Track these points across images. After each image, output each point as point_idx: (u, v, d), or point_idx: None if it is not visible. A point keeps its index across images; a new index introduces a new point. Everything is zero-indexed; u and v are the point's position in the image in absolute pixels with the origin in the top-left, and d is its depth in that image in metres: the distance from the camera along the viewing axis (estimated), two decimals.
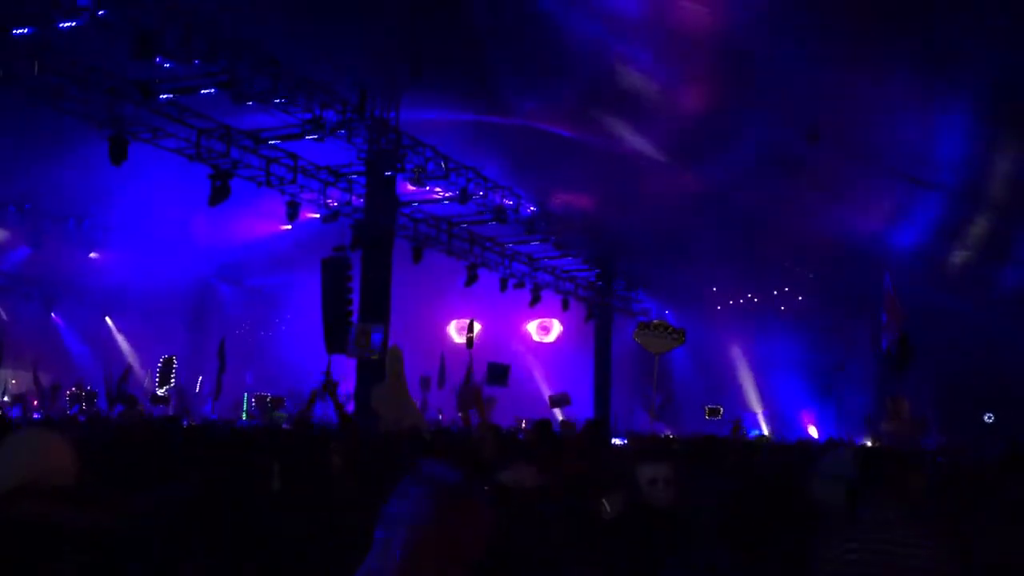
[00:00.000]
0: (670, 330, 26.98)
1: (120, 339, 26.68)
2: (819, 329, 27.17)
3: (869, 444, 17.48)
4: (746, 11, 16.42)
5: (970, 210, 22.00)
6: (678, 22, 17.26)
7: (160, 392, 22.92)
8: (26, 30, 12.16)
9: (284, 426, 17.63)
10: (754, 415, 27.34)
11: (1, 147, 18.28)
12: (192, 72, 14.23)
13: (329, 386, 10.38)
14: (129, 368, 22.11)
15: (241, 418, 22.06)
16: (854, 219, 22.32)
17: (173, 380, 23.65)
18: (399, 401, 12.72)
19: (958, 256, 19.96)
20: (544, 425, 8.04)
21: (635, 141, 21.45)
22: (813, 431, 26.46)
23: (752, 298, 29.19)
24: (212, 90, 14.60)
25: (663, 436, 22.10)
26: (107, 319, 26.63)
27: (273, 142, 16.98)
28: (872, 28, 16.04)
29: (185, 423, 11.93)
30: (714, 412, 26.31)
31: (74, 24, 12.06)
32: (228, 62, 14.07)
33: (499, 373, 24.28)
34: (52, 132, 16.55)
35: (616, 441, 15.76)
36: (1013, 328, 22.01)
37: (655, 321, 27.22)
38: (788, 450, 12.30)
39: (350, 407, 17.73)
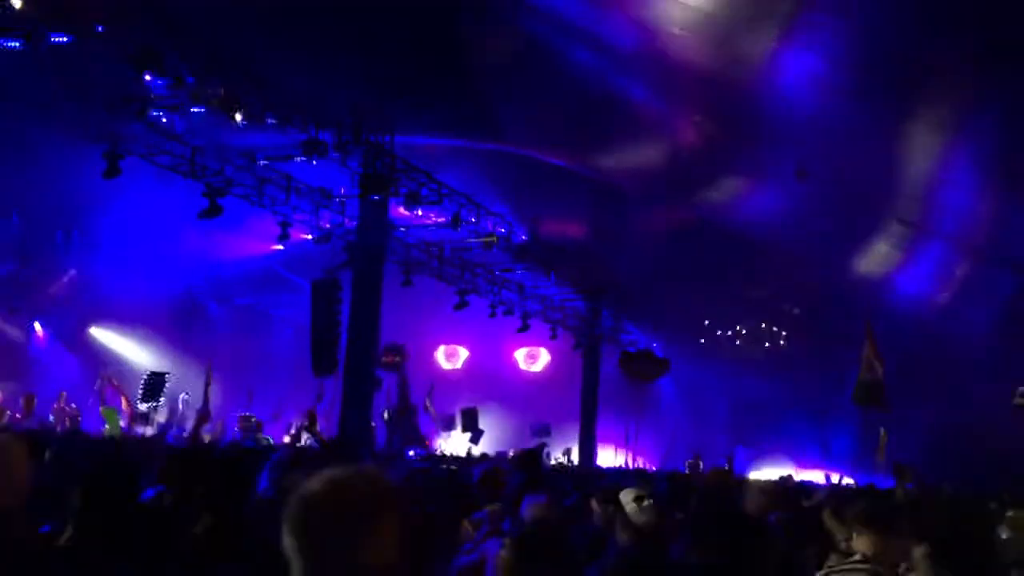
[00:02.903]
0: (654, 360, 27.09)
1: (111, 350, 26.46)
2: (805, 367, 27.19)
3: None
4: (743, 48, 16.55)
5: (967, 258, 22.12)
6: (674, 56, 17.38)
7: (142, 408, 22.66)
8: (18, 44, 12.12)
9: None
10: (743, 449, 27.28)
11: None
12: (187, 90, 14.25)
13: (311, 423, 10.45)
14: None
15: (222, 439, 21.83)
16: (850, 259, 22.43)
17: (163, 398, 23.41)
18: (406, 422, 13.13)
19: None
20: (532, 456, 8.00)
21: (627, 172, 21.55)
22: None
23: (740, 330, 29.22)
24: (206, 108, 14.61)
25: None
26: (92, 331, 26.41)
27: (266, 162, 17.00)
28: (877, 71, 16.15)
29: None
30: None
31: (70, 39, 12.05)
32: (224, 81, 14.10)
33: (470, 417, 24.31)
34: (42, 144, 16.51)
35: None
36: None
37: (640, 351, 27.41)
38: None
39: (332, 431, 17.63)
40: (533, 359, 32.01)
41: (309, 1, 14.57)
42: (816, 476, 24.47)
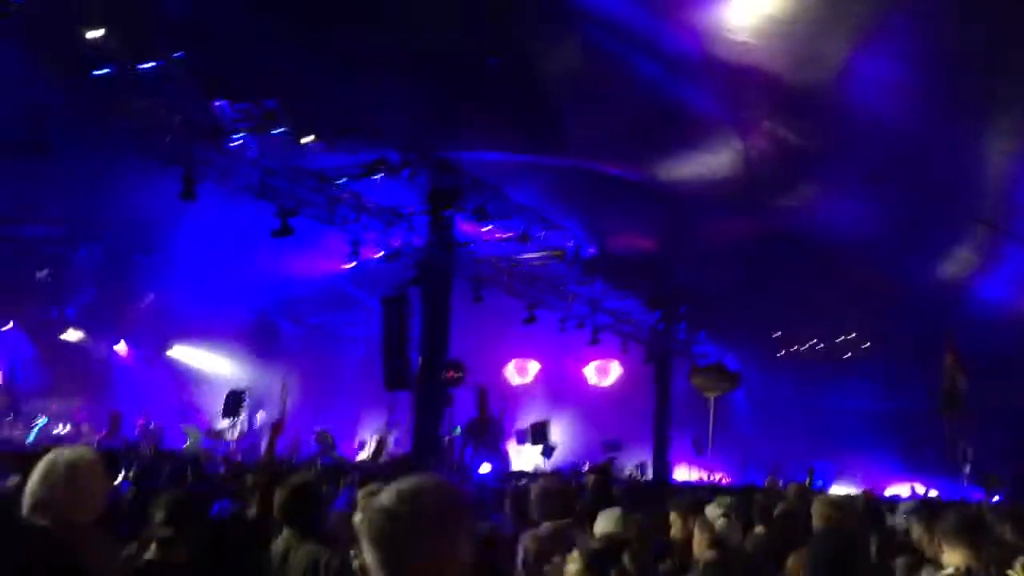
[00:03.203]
0: (725, 373, 26.66)
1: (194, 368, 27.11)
2: (885, 377, 26.48)
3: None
4: (812, 49, 16.22)
5: None
6: (741, 62, 17.13)
7: (223, 425, 23.13)
8: (107, 70, 12.54)
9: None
10: (822, 463, 26.66)
11: (72, 187, 18.83)
12: (259, 114, 14.56)
13: (382, 445, 10.50)
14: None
15: (297, 455, 22.14)
16: (930, 266, 21.78)
17: (242, 414, 23.86)
18: (485, 435, 13.34)
19: None
20: (604, 470, 7.92)
21: (697, 182, 21.28)
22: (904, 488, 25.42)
23: (817, 343, 28.58)
24: (279, 131, 14.89)
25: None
26: (172, 352, 27.09)
27: (337, 181, 17.25)
28: (955, 72, 15.69)
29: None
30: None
31: (151, 66, 12.41)
32: (293, 104, 14.36)
33: (540, 431, 24.26)
34: (120, 170, 17.02)
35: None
36: None
37: (711, 364, 27.02)
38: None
39: (407, 446, 17.75)
40: (604, 373, 31.80)
41: (372, 22, 14.73)
42: (900, 490, 23.80)
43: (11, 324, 24.14)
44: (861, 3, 15.15)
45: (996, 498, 16.06)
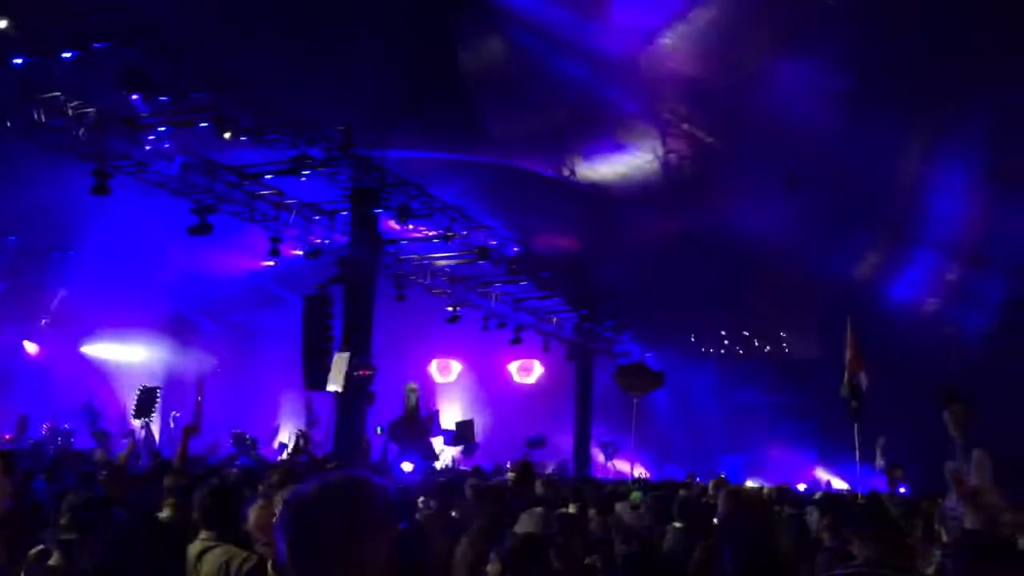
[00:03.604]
0: (649, 373, 27.07)
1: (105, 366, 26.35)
2: (800, 374, 27.20)
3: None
4: (732, 54, 16.59)
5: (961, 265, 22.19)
6: (662, 65, 17.42)
7: (136, 423, 22.50)
8: (21, 60, 12.12)
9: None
10: (738, 459, 27.27)
11: None
12: (178, 107, 14.24)
13: (304, 443, 10.46)
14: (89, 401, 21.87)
15: (216, 454, 21.72)
16: (843, 267, 22.45)
17: (155, 414, 23.23)
18: (416, 434, 13.36)
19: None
20: (525, 468, 7.98)
21: (619, 183, 21.56)
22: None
23: (733, 340, 29.22)
24: (197, 125, 14.58)
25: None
26: (84, 349, 26.31)
27: (259, 177, 16.97)
28: (868, 79, 16.20)
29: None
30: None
31: (63, 57, 12.04)
32: (214, 98, 14.08)
33: (465, 430, 24.30)
34: (32, 164, 16.47)
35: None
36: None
37: (634, 364, 27.38)
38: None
39: (328, 446, 17.56)
40: (527, 371, 31.97)
41: (297, 18, 14.57)
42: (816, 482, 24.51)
43: None
44: (778, 9, 15.57)
45: (901, 489, 16.63)
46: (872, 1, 15.42)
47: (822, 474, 27.48)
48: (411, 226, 19.00)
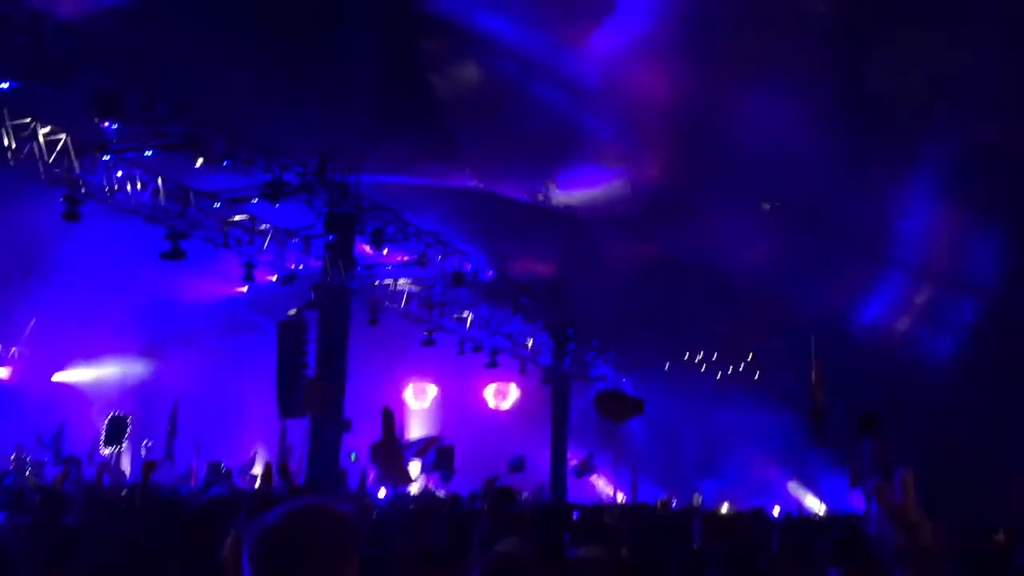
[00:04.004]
0: (628, 400, 27.12)
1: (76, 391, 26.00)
2: (775, 399, 27.32)
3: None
4: (706, 80, 16.77)
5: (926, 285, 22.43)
6: (637, 91, 17.58)
7: (105, 452, 22.22)
8: None
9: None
10: (714, 483, 27.31)
11: None
12: (151, 132, 14.16)
13: (282, 471, 10.37)
14: (62, 426, 21.52)
15: (189, 484, 21.46)
16: (816, 289, 22.60)
17: (126, 443, 22.95)
18: (393, 458, 13.36)
19: None
20: (504, 493, 7.93)
21: (593, 208, 21.66)
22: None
23: (708, 363, 29.33)
24: (168, 150, 14.50)
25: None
26: (56, 378, 25.96)
27: (232, 203, 16.89)
28: (841, 101, 16.42)
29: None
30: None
31: (35, 83, 11.96)
32: (188, 123, 14.03)
33: (446, 458, 24.21)
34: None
35: None
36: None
37: (613, 390, 27.40)
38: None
39: (302, 474, 17.38)
40: (503, 395, 31.87)
41: (271, 44, 14.58)
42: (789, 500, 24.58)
43: None
44: (752, 36, 15.77)
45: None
46: (842, 31, 15.66)
47: (797, 492, 27.58)
48: (386, 251, 18.97)
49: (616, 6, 15.48)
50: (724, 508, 21.71)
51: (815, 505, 26.59)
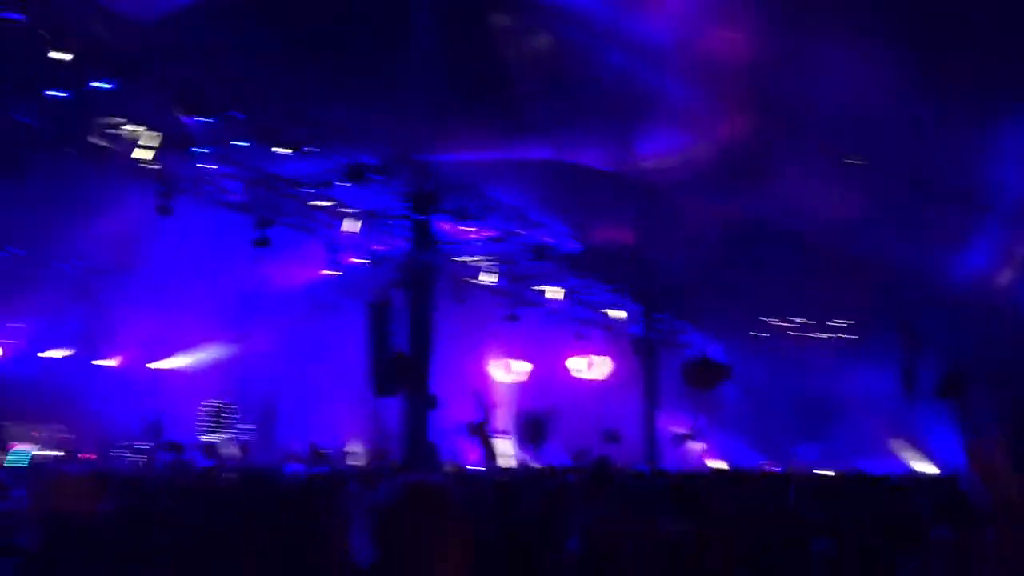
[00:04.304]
0: (715, 367, 26.84)
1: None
2: (870, 360, 26.63)
3: None
4: (782, 34, 16.27)
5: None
6: (712, 50, 17.16)
7: (206, 440, 23.03)
8: (64, 94, 12.40)
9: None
10: (813, 447, 26.81)
11: (47, 207, 18.64)
12: (232, 123, 14.44)
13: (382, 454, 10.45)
14: (160, 415, 22.31)
15: (288, 466, 22.04)
16: (910, 245, 21.85)
17: (225, 430, 23.76)
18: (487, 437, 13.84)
19: None
20: (602, 463, 7.90)
21: (673, 172, 21.31)
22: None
23: (800, 325, 28.74)
24: (251, 141, 14.79)
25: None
26: (152, 366, 26.88)
27: (313, 189, 17.16)
28: (926, 47, 15.73)
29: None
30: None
31: (119, 83, 12.28)
32: (266, 113, 14.27)
33: (537, 427, 24.29)
34: (95, 187, 16.89)
35: None
36: None
37: (699, 359, 27.15)
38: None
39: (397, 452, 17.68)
40: (592, 367, 31.81)
41: (342, 30, 14.68)
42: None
43: None
44: None
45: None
46: None
47: (903, 452, 26.83)
48: (468, 228, 19.05)
49: None
50: (825, 472, 21.30)
51: (923, 465, 25.89)
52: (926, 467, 25.43)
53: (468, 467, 18.95)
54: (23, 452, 21.80)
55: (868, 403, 26.63)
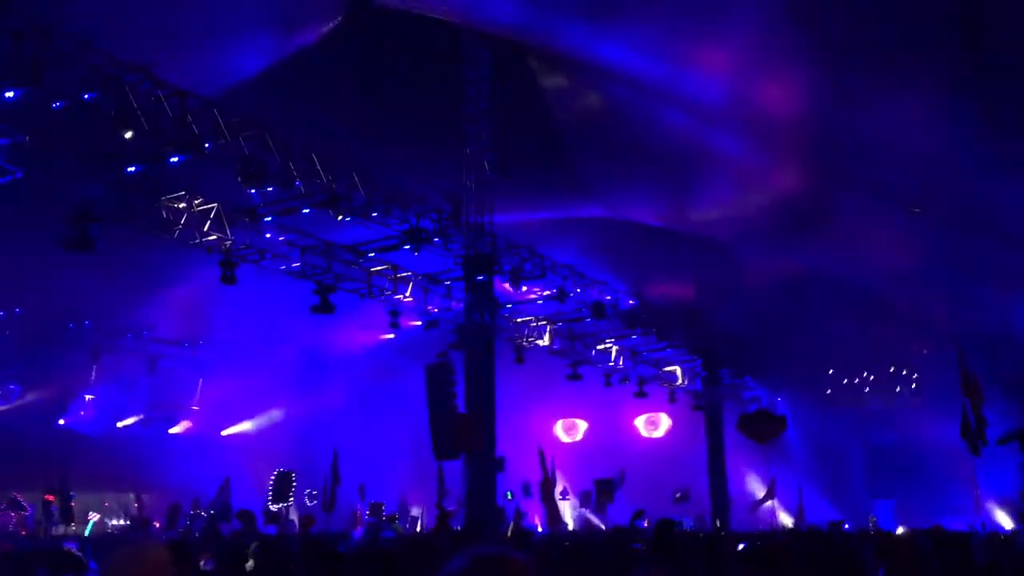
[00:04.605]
0: (772, 418, 26.30)
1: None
2: (939, 409, 25.82)
3: None
4: (833, 83, 16.19)
5: None
6: (764, 104, 17.15)
7: (273, 508, 23.19)
8: (134, 168, 12.87)
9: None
10: (888, 503, 25.97)
11: (117, 280, 19.25)
12: (293, 192, 14.79)
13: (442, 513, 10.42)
14: (227, 480, 22.51)
15: (355, 530, 22.06)
16: (975, 294, 21.28)
17: (292, 497, 23.95)
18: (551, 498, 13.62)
19: None
20: (667, 525, 7.75)
21: (729, 227, 21.18)
22: None
23: (867, 377, 28.07)
24: (311, 209, 15.10)
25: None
26: (224, 433, 27.31)
27: (372, 254, 17.41)
28: (987, 89, 15.48)
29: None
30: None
31: (183, 158, 12.69)
32: (326, 180, 14.58)
33: (606, 488, 24.01)
34: (161, 260, 17.40)
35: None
36: None
37: (757, 411, 26.63)
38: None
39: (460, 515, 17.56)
40: (654, 425, 31.42)
41: (397, 97, 15.04)
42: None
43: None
44: (878, 35, 15.16)
45: None
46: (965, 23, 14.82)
47: (984, 506, 25.74)
48: (525, 288, 19.09)
49: (729, 18, 15.17)
50: (900, 530, 20.57)
51: (1005, 519, 24.87)
52: (1009, 521, 24.42)
53: (532, 528, 18.75)
54: (91, 523, 22.21)
55: (943, 456, 25.74)
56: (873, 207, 19.34)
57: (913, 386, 27.42)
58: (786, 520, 25.98)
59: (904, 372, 27.51)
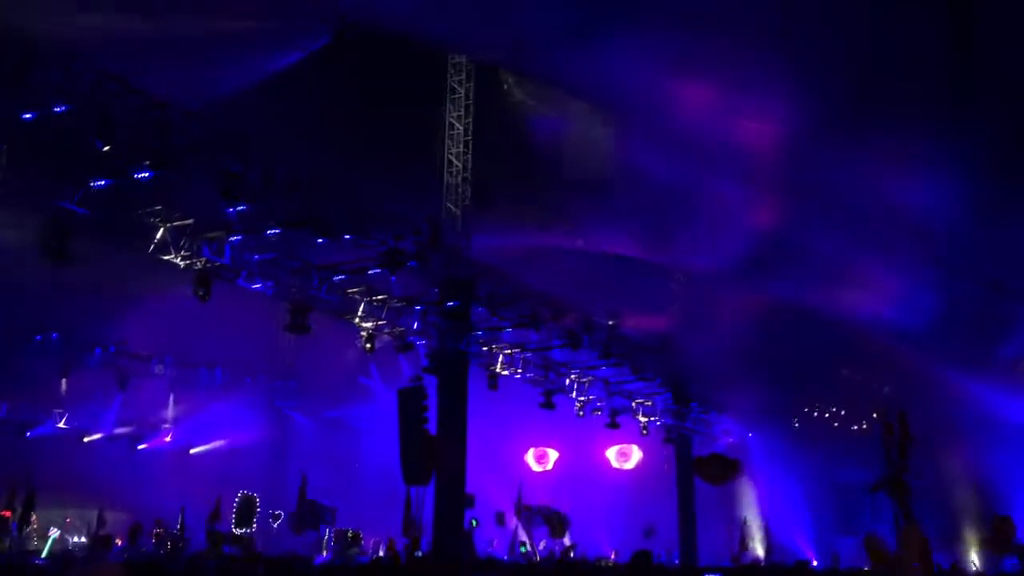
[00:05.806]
0: (726, 463, 26.40)
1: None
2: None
3: None
4: (811, 131, 16.39)
5: None
6: (739, 140, 17.34)
7: (237, 532, 22.95)
8: (103, 183, 12.76)
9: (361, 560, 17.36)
10: (848, 542, 25.99)
11: (89, 294, 19.08)
12: (270, 212, 14.71)
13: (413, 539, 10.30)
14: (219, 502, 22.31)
15: (321, 554, 21.79)
16: (955, 334, 21.44)
17: (255, 523, 23.74)
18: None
19: None
20: (644, 556, 7.75)
21: (705, 261, 21.30)
22: None
23: (839, 413, 28.20)
24: (287, 228, 15.02)
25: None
26: (192, 452, 26.98)
27: (348, 275, 17.33)
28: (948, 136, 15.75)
29: None
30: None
31: (160, 172, 12.60)
32: (303, 201, 14.52)
33: (558, 523, 23.96)
34: (135, 276, 17.29)
35: None
36: None
37: (711, 455, 26.70)
38: None
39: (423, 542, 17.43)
40: (625, 456, 31.35)
41: (378, 119, 15.07)
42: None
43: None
44: (857, 75, 15.40)
45: None
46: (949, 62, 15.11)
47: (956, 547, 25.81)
48: (500, 315, 19.06)
49: (710, 55, 15.35)
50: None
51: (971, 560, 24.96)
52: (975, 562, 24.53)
53: (496, 556, 18.64)
54: (51, 539, 21.81)
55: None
56: (848, 246, 19.52)
57: (868, 424, 27.62)
58: (757, 552, 26.01)
59: (873, 412, 27.64)
